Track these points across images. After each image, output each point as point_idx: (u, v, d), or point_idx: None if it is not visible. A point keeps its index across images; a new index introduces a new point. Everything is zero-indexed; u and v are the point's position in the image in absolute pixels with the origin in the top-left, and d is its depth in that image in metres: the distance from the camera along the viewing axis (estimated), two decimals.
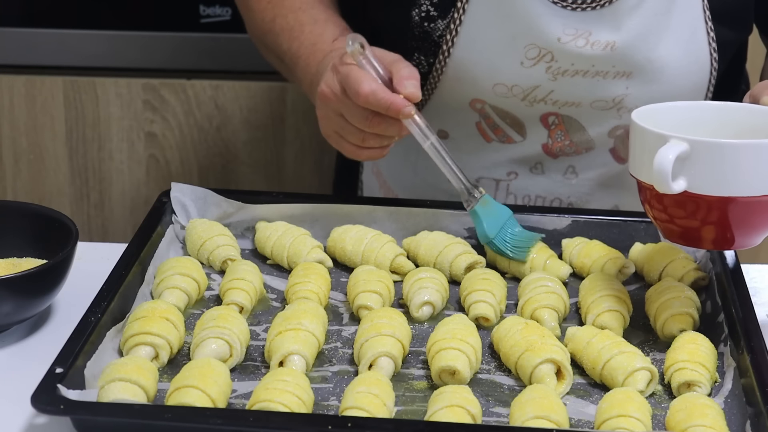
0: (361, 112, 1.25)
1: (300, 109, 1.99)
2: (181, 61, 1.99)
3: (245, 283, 1.23)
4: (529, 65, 1.40)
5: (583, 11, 1.37)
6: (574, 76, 1.41)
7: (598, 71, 1.41)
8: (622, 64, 1.40)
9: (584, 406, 1.10)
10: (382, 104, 1.22)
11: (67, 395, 1.01)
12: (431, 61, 1.44)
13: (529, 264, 1.30)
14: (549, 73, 1.41)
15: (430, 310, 1.23)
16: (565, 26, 1.38)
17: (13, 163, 2.02)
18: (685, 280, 1.28)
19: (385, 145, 1.29)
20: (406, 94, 1.23)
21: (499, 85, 1.42)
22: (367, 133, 1.27)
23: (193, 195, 1.37)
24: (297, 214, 1.37)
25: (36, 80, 1.97)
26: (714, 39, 1.43)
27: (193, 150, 2.01)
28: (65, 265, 1.20)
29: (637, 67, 1.41)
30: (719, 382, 1.13)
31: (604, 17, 1.38)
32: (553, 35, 1.38)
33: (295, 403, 1.03)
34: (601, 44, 1.38)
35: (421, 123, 1.26)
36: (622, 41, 1.39)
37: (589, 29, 1.38)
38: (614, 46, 1.39)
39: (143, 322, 1.13)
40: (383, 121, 1.25)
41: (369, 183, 1.62)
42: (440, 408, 1.03)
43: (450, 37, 1.41)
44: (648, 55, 1.40)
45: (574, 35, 1.38)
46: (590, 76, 1.41)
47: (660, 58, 1.41)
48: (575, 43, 1.38)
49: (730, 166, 1.10)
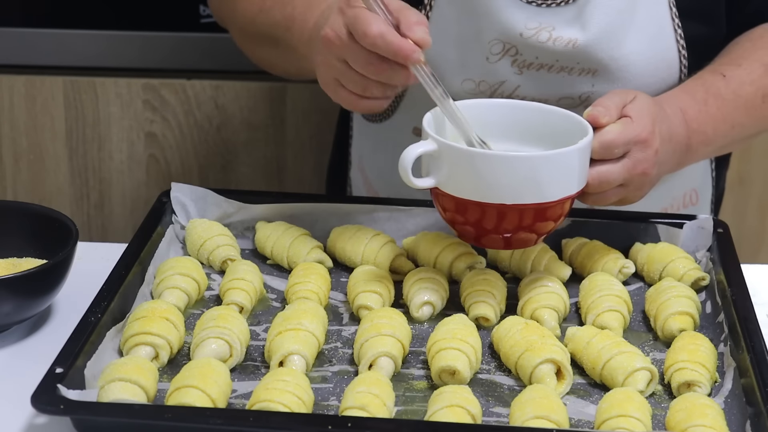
0: (366, 56, 1.19)
1: (300, 109, 1.99)
2: (181, 61, 1.99)
3: (245, 283, 1.23)
4: (494, 60, 1.39)
5: (548, 7, 1.37)
6: (540, 70, 1.40)
7: (563, 66, 1.39)
8: (586, 61, 1.39)
9: (584, 406, 1.10)
10: (391, 48, 1.17)
11: (67, 395, 1.01)
12: None
13: (529, 264, 1.30)
14: (515, 67, 1.40)
15: (430, 310, 1.23)
16: (528, 20, 1.36)
17: (13, 163, 2.02)
18: (685, 280, 1.28)
19: (387, 96, 1.24)
20: (415, 39, 1.17)
21: (467, 81, 1.42)
22: (370, 80, 1.21)
23: (193, 195, 1.37)
24: (297, 214, 1.37)
25: (36, 80, 1.97)
26: (682, 36, 1.41)
27: (193, 150, 2.01)
28: (65, 265, 1.20)
29: (602, 65, 1.39)
30: (719, 382, 1.13)
31: (566, 14, 1.37)
32: (516, 30, 1.37)
33: (295, 403, 1.03)
34: (563, 41, 1.37)
35: (429, 71, 1.20)
36: (585, 39, 1.37)
37: (552, 24, 1.37)
38: (576, 44, 1.37)
39: (143, 322, 1.13)
40: (389, 67, 1.19)
41: (356, 180, 1.63)
42: (440, 408, 1.03)
43: None
44: (611, 53, 1.39)
45: (537, 29, 1.37)
46: (555, 72, 1.40)
47: (625, 56, 1.39)
48: (537, 37, 1.37)
49: (464, 171, 1.18)
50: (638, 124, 1.22)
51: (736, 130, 1.39)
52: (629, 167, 1.22)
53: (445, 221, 1.25)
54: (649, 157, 1.23)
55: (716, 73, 1.39)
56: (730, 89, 1.37)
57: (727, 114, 1.37)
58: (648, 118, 1.23)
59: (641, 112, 1.23)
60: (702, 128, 1.34)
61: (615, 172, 1.21)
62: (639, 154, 1.22)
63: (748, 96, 1.38)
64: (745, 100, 1.38)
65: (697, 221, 1.35)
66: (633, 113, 1.22)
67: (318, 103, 1.98)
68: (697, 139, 1.34)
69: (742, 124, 1.40)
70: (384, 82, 1.21)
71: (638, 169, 1.22)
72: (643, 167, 1.23)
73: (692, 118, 1.34)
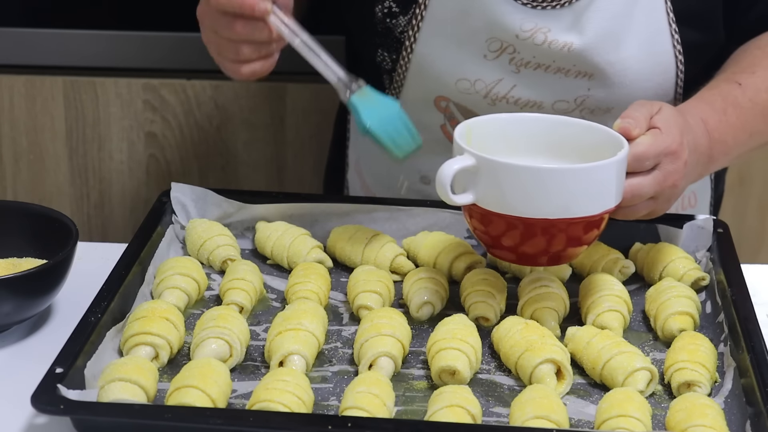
0: (223, 19, 1.22)
1: (300, 108, 1.99)
2: (181, 61, 1.99)
3: (245, 283, 1.23)
4: (492, 57, 1.39)
5: (543, 9, 1.36)
6: (537, 69, 1.39)
7: (560, 68, 1.39)
8: (583, 64, 1.39)
9: (584, 406, 1.10)
10: (235, 3, 1.19)
11: (67, 395, 1.01)
12: (394, 58, 1.44)
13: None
14: (512, 65, 1.39)
15: (430, 310, 1.23)
16: (523, 22, 1.36)
17: (13, 163, 2.01)
18: (685, 280, 1.28)
19: (263, 56, 1.25)
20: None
21: (462, 80, 1.42)
22: (238, 43, 1.23)
23: (193, 195, 1.37)
24: (297, 214, 1.37)
25: (36, 80, 1.97)
26: (679, 41, 1.40)
27: (193, 150, 2.01)
28: (65, 265, 1.20)
29: (597, 69, 1.39)
30: (719, 382, 1.13)
31: (562, 17, 1.37)
32: (511, 31, 1.37)
33: (295, 403, 1.03)
34: (558, 44, 1.37)
35: (288, 21, 1.21)
36: (581, 43, 1.37)
37: (547, 26, 1.37)
38: (571, 48, 1.37)
39: (143, 322, 1.13)
40: (248, 24, 1.21)
41: (353, 183, 1.63)
42: (440, 408, 1.03)
43: (412, 32, 1.41)
44: (608, 57, 1.38)
45: (532, 31, 1.36)
46: (552, 72, 1.40)
47: (621, 61, 1.39)
48: (533, 39, 1.37)
49: (509, 186, 1.12)
50: (668, 135, 1.20)
51: (754, 138, 1.38)
52: (660, 180, 1.20)
53: (482, 244, 1.21)
54: (679, 169, 1.21)
55: (732, 82, 1.37)
56: (747, 97, 1.36)
57: (746, 122, 1.36)
58: (676, 129, 1.21)
59: (669, 123, 1.21)
60: (723, 138, 1.33)
61: (647, 185, 1.19)
62: (669, 165, 1.20)
63: (765, 103, 1.37)
64: (762, 108, 1.37)
65: (697, 221, 1.35)
66: (661, 124, 1.21)
67: (318, 103, 1.98)
68: (719, 149, 1.33)
69: (761, 131, 1.39)
70: (249, 40, 1.23)
71: (669, 181, 1.21)
72: (674, 179, 1.21)
73: (713, 128, 1.32)
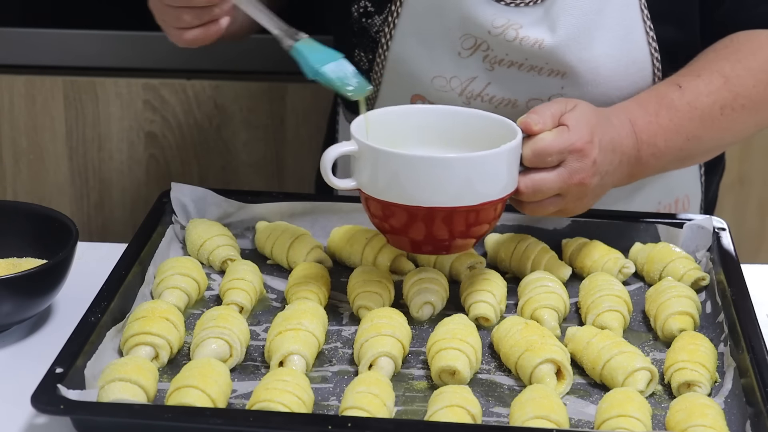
0: None
1: (300, 108, 1.99)
2: (181, 61, 1.99)
3: (245, 283, 1.23)
4: (466, 55, 1.39)
5: (516, 6, 1.36)
6: (510, 67, 1.39)
7: (533, 66, 1.39)
8: (555, 62, 1.38)
9: (584, 406, 1.10)
10: None
11: (67, 395, 1.01)
12: (371, 58, 1.44)
13: (529, 264, 1.30)
14: (486, 63, 1.39)
15: (430, 310, 1.23)
16: (495, 18, 1.36)
17: (13, 163, 2.01)
18: (685, 280, 1.28)
19: (204, 22, 1.26)
20: None
21: (437, 78, 1.42)
22: (180, 9, 1.25)
23: (193, 195, 1.37)
24: (297, 214, 1.37)
25: (36, 80, 1.97)
26: (654, 39, 1.39)
27: (193, 150, 2.01)
28: (65, 265, 1.20)
29: (569, 67, 1.38)
30: (719, 382, 1.13)
31: (533, 14, 1.36)
32: (483, 27, 1.37)
33: (295, 403, 1.03)
34: (530, 41, 1.36)
35: None
36: (552, 41, 1.36)
37: (519, 23, 1.36)
38: (542, 45, 1.37)
39: (143, 322, 1.13)
40: None
41: None
42: (440, 408, 1.03)
43: (388, 30, 1.41)
44: (580, 55, 1.37)
45: (504, 27, 1.36)
46: (525, 70, 1.39)
47: (594, 58, 1.38)
48: (505, 35, 1.36)
49: (383, 172, 1.16)
50: (574, 133, 1.20)
51: (692, 142, 1.35)
52: (565, 177, 1.20)
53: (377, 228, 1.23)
54: (586, 167, 1.21)
55: (672, 84, 1.36)
56: (685, 100, 1.34)
57: (681, 126, 1.34)
58: (586, 128, 1.21)
59: (579, 120, 1.21)
60: (652, 140, 1.31)
61: (549, 180, 1.20)
62: (575, 163, 1.20)
63: (705, 108, 1.35)
64: (701, 112, 1.35)
65: (697, 221, 1.35)
66: (570, 122, 1.21)
67: (318, 103, 1.98)
68: (648, 150, 1.31)
69: (699, 136, 1.36)
70: (188, 6, 1.24)
71: (575, 178, 1.21)
72: (580, 177, 1.21)
73: (642, 129, 1.31)
